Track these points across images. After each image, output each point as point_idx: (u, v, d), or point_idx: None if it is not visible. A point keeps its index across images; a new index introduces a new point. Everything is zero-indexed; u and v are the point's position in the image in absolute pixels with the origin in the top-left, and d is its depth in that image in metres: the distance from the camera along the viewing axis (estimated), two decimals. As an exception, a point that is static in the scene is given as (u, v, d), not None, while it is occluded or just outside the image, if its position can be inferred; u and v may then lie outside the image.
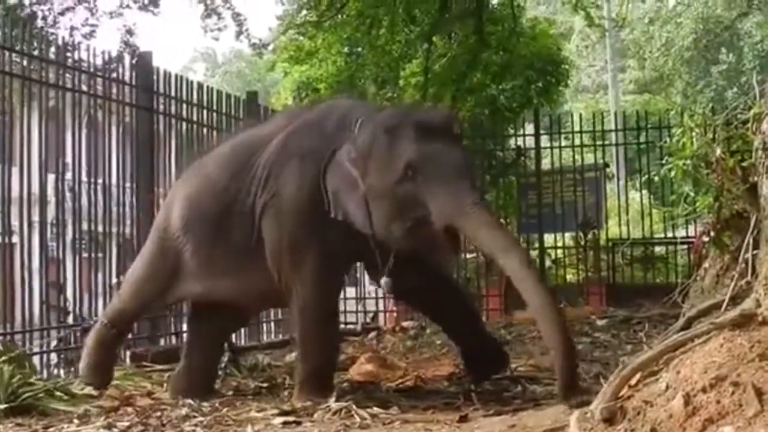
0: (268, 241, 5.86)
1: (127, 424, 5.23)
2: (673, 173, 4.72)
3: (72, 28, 16.77)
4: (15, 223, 7.61)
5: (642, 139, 13.35)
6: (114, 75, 8.72)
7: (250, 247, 5.91)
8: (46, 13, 16.28)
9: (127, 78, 8.84)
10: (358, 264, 7.65)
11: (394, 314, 12.76)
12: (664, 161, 4.92)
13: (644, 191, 15.22)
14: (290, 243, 5.76)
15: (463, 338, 6.38)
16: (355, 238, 5.57)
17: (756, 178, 4.04)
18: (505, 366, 6.30)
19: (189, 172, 6.69)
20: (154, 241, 6.60)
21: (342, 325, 11.15)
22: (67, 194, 8.25)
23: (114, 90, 8.70)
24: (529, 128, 14.19)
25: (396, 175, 5.32)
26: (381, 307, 13.25)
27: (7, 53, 7.49)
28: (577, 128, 13.64)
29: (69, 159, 8.26)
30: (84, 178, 8.42)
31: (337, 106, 6.24)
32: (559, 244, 13.97)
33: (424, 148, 5.30)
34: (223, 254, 6.10)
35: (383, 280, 5.68)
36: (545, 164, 14.29)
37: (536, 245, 13.62)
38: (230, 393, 6.44)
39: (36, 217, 7.73)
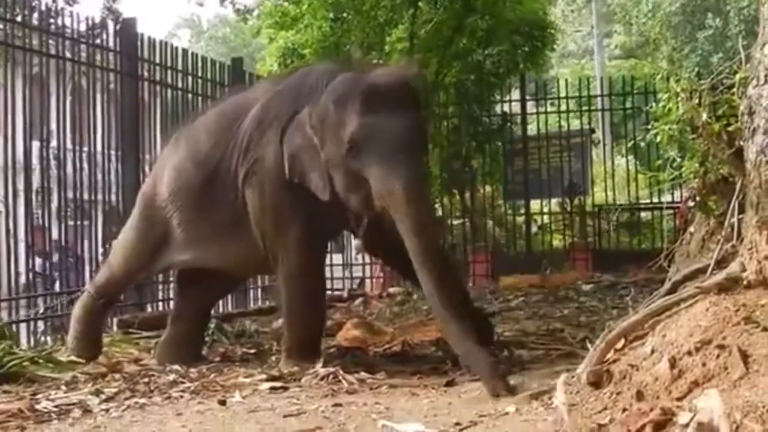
0: (251, 208, 5.85)
1: (114, 390, 5.23)
2: (659, 138, 4.73)
3: (54, -6, 16.65)
4: (0, 191, 7.58)
5: (628, 104, 13.41)
6: (98, 41, 8.67)
7: (236, 214, 5.91)
8: (28, -22, 16.16)
9: (111, 44, 8.78)
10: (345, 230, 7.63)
11: (381, 280, 12.79)
12: (650, 126, 4.92)
13: (630, 157, 15.24)
14: (273, 210, 5.75)
15: None
16: (337, 203, 5.56)
17: (741, 143, 4.05)
18: (490, 337, 6.27)
19: (175, 140, 6.67)
20: (140, 210, 6.60)
21: (329, 292, 11.20)
22: (52, 162, 8.21)
23: (98, 56, 8.65)
24: (515, 94, 14.22)
25: (343, 149, 5.28)
26: (367, 273, 13.28)
27: (-11, 19, 7.44)
28: (563, 94, 13.65)
29: (54, 126, 8.21)
30: (69, 145, 8.39)
31: (314, 70, 6.16)
32: (546, 209, 14.02)
33: (366, 121, 5.19)
34: (210, 222, 6.09)
35: (354, 242, 5.70)
36: (531, 130, 14.32)
37: (522, 211, 13.66)
38: (217, 359, 6.46)
39: (21, 185, 7.69)
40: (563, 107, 13.71)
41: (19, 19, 7.79)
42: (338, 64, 6.24)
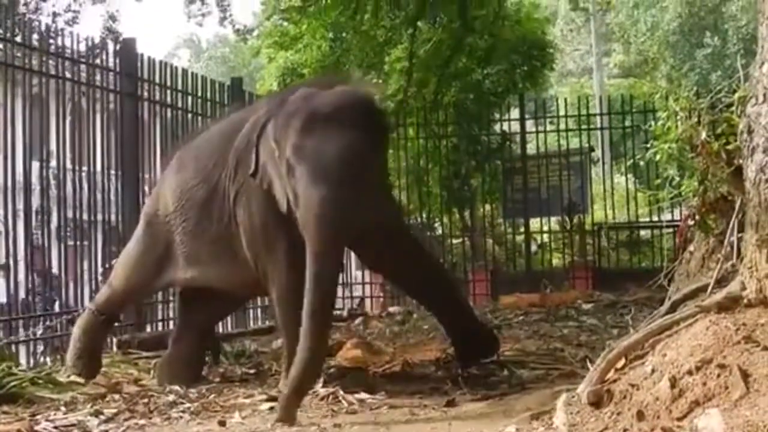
0: (242, 229, 5.84)
1: (114, 410, 5.23)
2: (658, 157, 4.74)
3: (54, 14, 16.72)
4: (-1, 211, 7.58)
5: (627, 123, 13.40)
6: (98, 61, 8.68)
7: (229, 234, 5.91)
8: (28, -1, 16.23)
9: (111, 64, 8.79)
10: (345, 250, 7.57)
11: (381, 300, 12.78)
12: (649, 145, 4.93)
13: (629, 175, 15.24)
14: (261, 230, 5.71)
15: (451, 323, 6.37)
16: None
17: (740, 162, 4.05)
18: (495, 351, 6.30)
19: (177, 158, 6.67)
20: (143, 227, 6.64)
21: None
22: (52, 182, 8.21)
23: (98, 77, 8.66)
24: (515, 113, 14.22)
25: (285, 167, 5.29)
26: (367, 292, 13.27)
27: (-11, 40, 7.46)
28: (562, 112, 13.65)
29: (53, 146, 8.21)
30: (69, 165, 8.39)
31: (297, 87, 6.16)
32: (545, 228, 14.00)
33: (301, 142, 5.15)
34: (209, 242, 6.09)
35: None
36: (530, 149, 14.32)
37: (522, 230, 13.65)
38: (217, 380, 6.45)
39: (20, 205, 7.69)
40: (562, 126, 13.70)
41: (18, 39, 7.80)
42: (321, 81, 6.21)
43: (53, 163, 8.23)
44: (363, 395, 5.27)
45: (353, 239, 5.75)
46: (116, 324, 7.35)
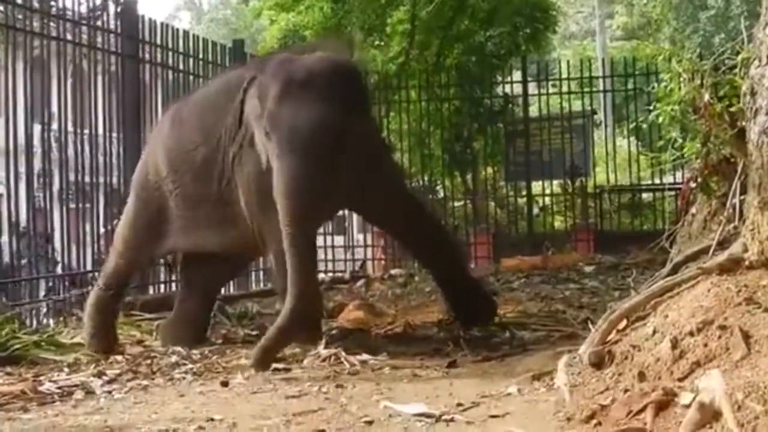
0: (241, 192, 5.81)
1: (117, 371, 5.25)
2: (660, 119, 4.73)
3: (55, -24, 16.60)
4: (1, 174, 7.56)
5: (630, 85, 13.34)
6: (99, 23, 8.64)
7: (229, 197, 5.89)
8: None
9: (112, 26, 8.76)
10: (347, 213, 7.61)
11: (383, 262, 12.80)
12: (651, 107, 4.92)
13: (632, 138, 15.21)
14: (257, 194, 5.65)
15: (447, 283, 6.40)
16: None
17: (743, 123, 4.04)
18: (493, 315, 6.33)
19: (168, 121, 6.62)
20: (136, 194, 6.57)
21: (330, 273, 11.23)
22: (54, 144, 8.19)
23: (99, 39, 8.63)
24: (517, 75, 14.16)
25: (263, 132, 5.36)
26: (369, 255, 13.29)
27: (-10, 2, 7.42)
28: (564, 75, 13.61)
29: (55, 109, 8.19)
30: (70, 127, 8.37)
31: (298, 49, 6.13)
32: (547, 191, 13.99)
33: (277, 111, 5.23)
34: (208, 203, 6.05)
35: None
36: (533, 111, 14.29)
37: (524, 193, 13.65)
38: (219, 341, 6.46)
39: (22, 168, 7.69)
40: (565, 88, 13.65)
41: (19, 1, 7.76)
42: (306, 47, 6.19)
43: (55, 125, 8.22)
44: (365, 356, 5.29)
45: (351, 204, 5.77)
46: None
